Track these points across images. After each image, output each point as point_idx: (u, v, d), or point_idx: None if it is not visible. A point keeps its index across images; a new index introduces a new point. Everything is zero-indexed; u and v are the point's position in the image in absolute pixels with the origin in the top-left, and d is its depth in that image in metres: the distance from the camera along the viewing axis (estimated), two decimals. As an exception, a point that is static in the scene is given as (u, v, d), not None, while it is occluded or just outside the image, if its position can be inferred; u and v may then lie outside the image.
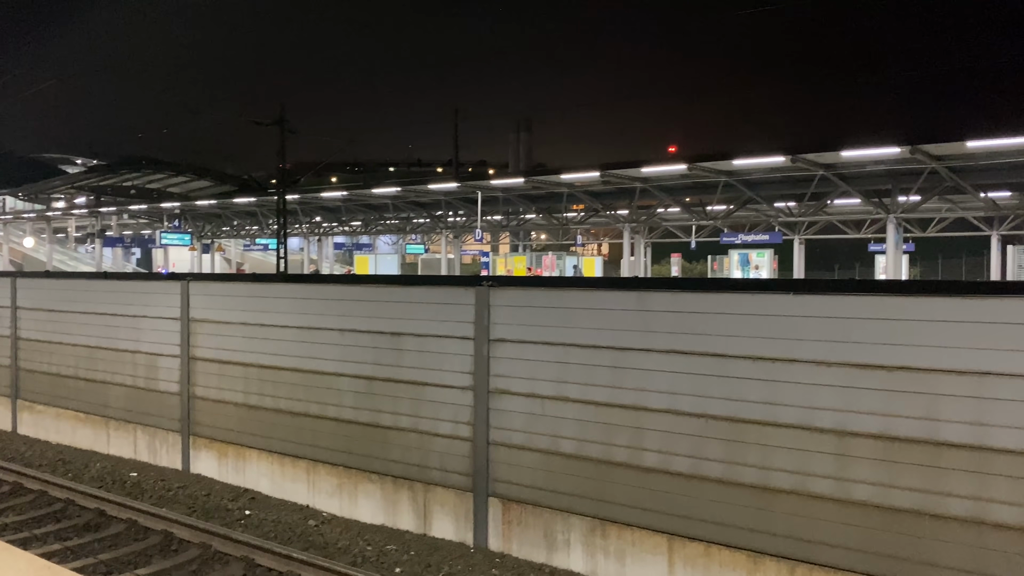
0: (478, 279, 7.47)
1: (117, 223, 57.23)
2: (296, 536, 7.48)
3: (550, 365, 6.83)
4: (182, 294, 9.86)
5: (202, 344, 9.69)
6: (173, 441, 9.96)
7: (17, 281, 12.46)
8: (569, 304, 6.78)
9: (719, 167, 26.82)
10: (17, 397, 12.23)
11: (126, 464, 10.12)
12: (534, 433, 6.93)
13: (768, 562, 5.76)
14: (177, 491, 8.91)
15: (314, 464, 8.49)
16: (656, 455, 6.28)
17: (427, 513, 7.61)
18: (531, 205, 37.30)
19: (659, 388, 6.25)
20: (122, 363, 10.63)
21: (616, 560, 6.48)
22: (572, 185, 32.80)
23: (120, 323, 10.69)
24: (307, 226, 49.74)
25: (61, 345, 11.52)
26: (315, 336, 8.55)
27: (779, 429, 5.72)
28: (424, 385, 7.64)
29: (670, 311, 6.23)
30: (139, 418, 10.41)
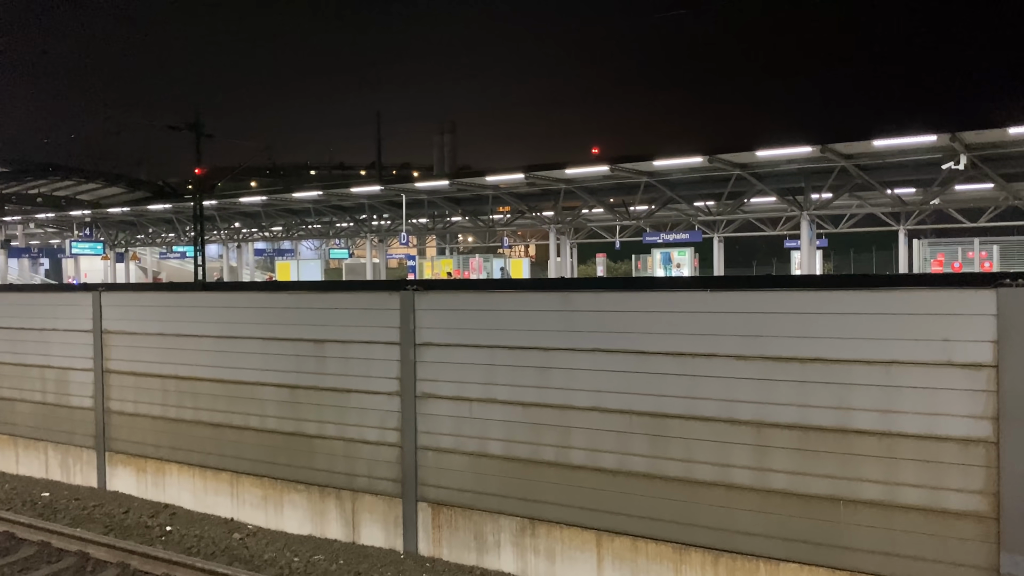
0: (403, 283, 7.42)
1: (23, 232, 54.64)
2: (220, 550, 7.29)
3: (477, 368, 6.84)
4: (94, 304, 9.49)
5: (116, 356, 9.35)
6: (88, 458, 9.58)
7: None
8: (495, 306, 6.80)
9: (640, 168, 27.37)
10: (-85, 418, 11.55)
11: (37, 484, 9.68)
12: (462, 436, 6.92)
13: (693, 553, 5.90)
14: (93, 509, 8.57)
15: (237, 476, 8.28)
16: (583, 453, 6.35)
17: (356, 521, 7.52)
18: (457, 208, 37.29)
19: (584, 387, 6.32)
20: (30, 379, 10.17)
21: (546, 558, 6.53)
22: (497, 187, 32.95)
23: (27, 337, 10.22)
24: (226, 232, 48.51)
25: (-38, 362, 10.93)
26: (235, 345, 8.35)
27: (701, 423, 5.86)
28: (349, 392, 7.54)
29: (593, 310, 6.31)
30: (50, 435, 9.97)
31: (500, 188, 33.13)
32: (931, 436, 5.11)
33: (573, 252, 42.52)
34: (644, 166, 26.94)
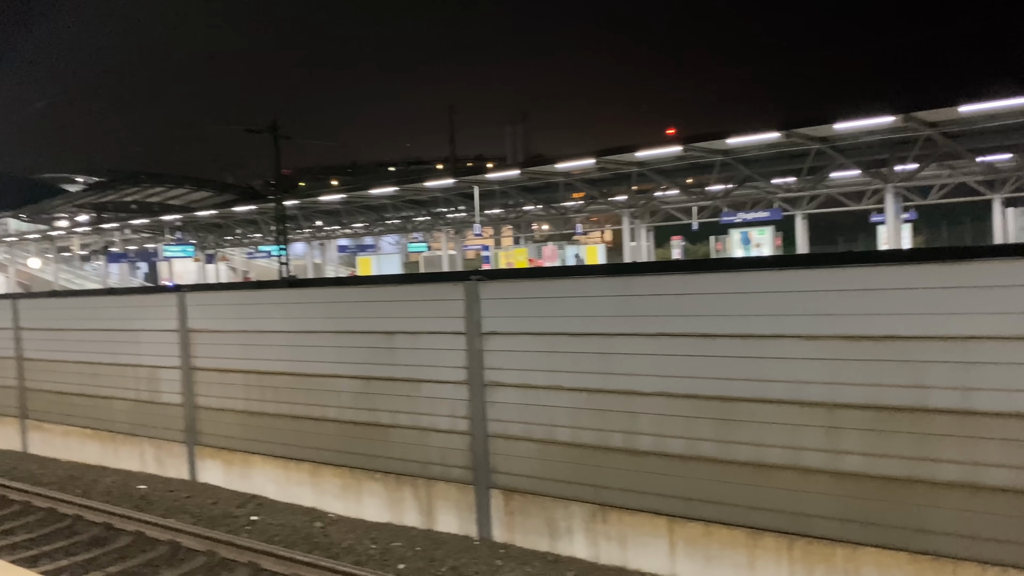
0: (467, 274, 7.49)
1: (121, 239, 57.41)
2: (302, 539, 7.54)
3: (541, 355, 6.86)
4: (179, 305, 9.91)
5: (201, 354, 9.75)
6: (179, 452, 10.04)
7: (18, 303, 12.55)
8: (556, 293, 6.80)
9: (715, 147, 26.79)
10: (25, 417, 12.34)
11: (135, 477, 10.20)
12: (530, 423, 6.96)
13: (767, 538, 5.78)
14: (184, 501, 8.99)
15: (318, 466, 8.54)
16: (650, 438, 6.30)
17: (431, 508, 7.66)
18: (530, 196, 37.32)
19: (649, 372, 6.26)
20: (125, 377, 10.71)
21: (618, 544, 6.52)
22: (568, 174, 32.80)
23: (121, 338, 10.75)
24: (309, 230, 49.86)
25: (65, 363, 11.60)
26: (311, 339, 8.60)
27: (769, 405, 5.73)
28: (420, 382, 7.68)
29: (655, 294, 6.25)
30: (145, 431, 10.49)
31: (572, 175, 32.97)
32: (1014, 414, 4.87)
33: (649, 236, 41.97)
34: (718, 144, 26.36)
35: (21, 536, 7.94)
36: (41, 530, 8.10)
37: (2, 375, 12.65)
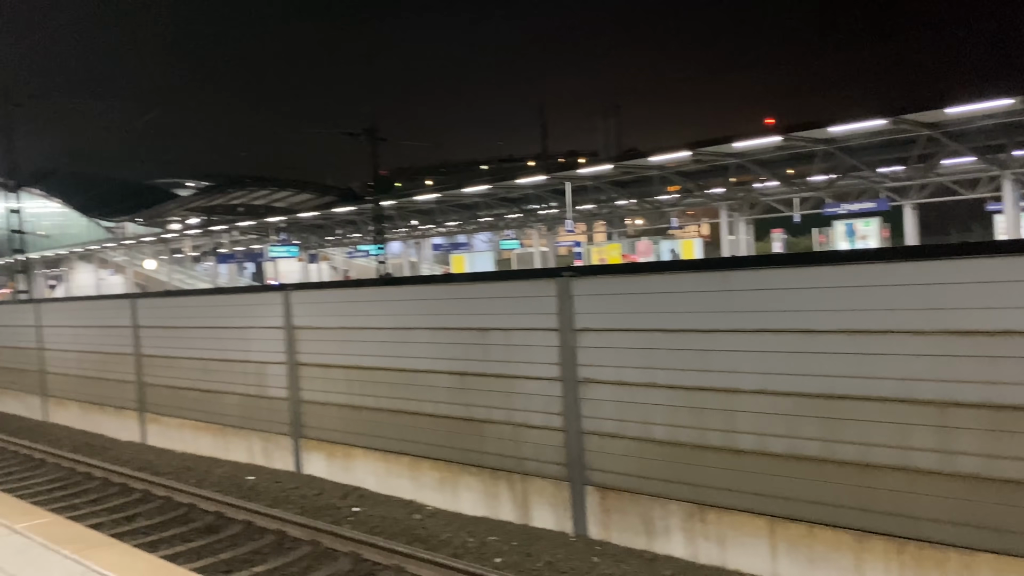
0: (559, 270, 7.49)
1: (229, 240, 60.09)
2: (401, 530, 7.72)
3: (636, 352, 6.79)
4: (284, 303, 10.30)
5: (305, 350, 10.10)
6: (285, 444, 10.43)
7: (136, 302, 13.31)
8: (651, 289, 6.72)
9: (816, 135, 25.88)
10: (144, 410, 13.07)
11: (244, 468, 10.66)
12: (625, 420, 6.90)
13: (875, 541, 5.56)
14: (290, 492, 9.33)
15: (416, 460, 8.72)
16: (751, 437, 6.15)
17: (526, 503, 7.70)
18: (623, 191, 36.98)
19: (749, 369, 6.11)
20: (234, 373, 11.20)
21: (717, 544, 6.39)
22: (663, 167, 32.33)
23: (230, 335, 11.25)
24: (405, 229, 50.92)
25: (180, 359, 12.23)
26: (407, 336, 8.78)
27: (877, 403, 5.50)
28: (513, 378, 7.72)
29: (755, 289, 6.08)
30: (253, 424, 10.94)
31: (666, 168, 32.48)
32: None
33: (748, 229, 40.90)
34: (820, 133, 25.44)
35: (142, 523, 8.43)
36: (159, 517, 8.58)
37: (123, 370, 13.44)
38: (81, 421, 14.70)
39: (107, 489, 9.95)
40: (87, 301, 16.91)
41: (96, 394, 14.21)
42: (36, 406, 16.11)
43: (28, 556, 4.77)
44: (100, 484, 10.19)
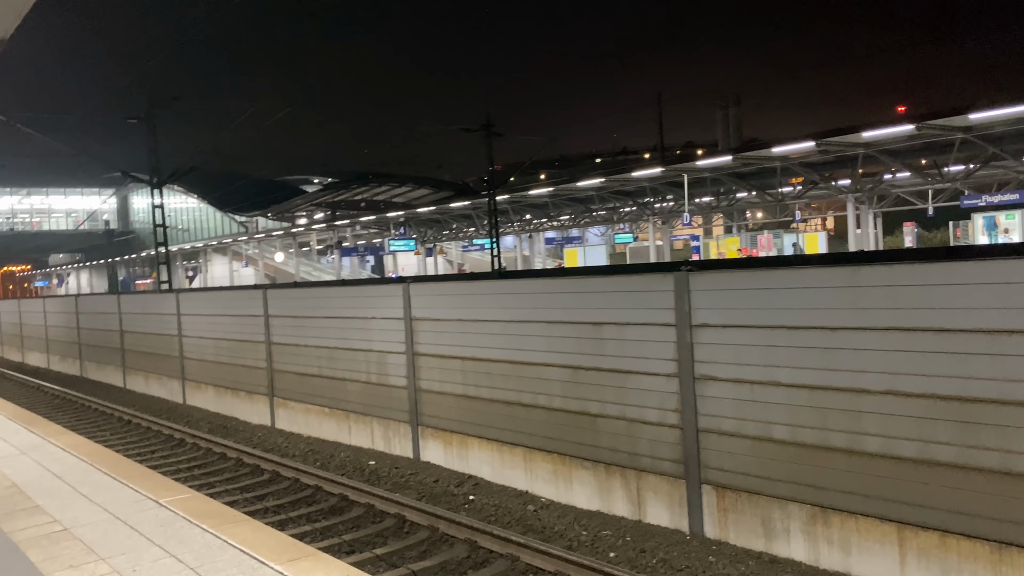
0: (676, 264, 7.38)
1: (352, 234, 62.33)
2: (515, 520, 7.83)
3: (757, 349, 6.61)
4: (404, 295, 10.61)
5: (423, 340, 10.37)
6: (404, 431, 10.76)
7: (268, 292, 14.02)
8: (773, 284, 6.52)
9: (954, 123, 24.32)
10: (273, 395, 13.78)
11: (365, 453, 11.07)
12: (744, 419, 6.74)
13: (1015, 555, 5.21)
14: (409, 477, 9.62)
15: (530, 451, 8.81)
16: (878, 439, 5.88)
17: (640, 500, 7.65)
18: (743, 183, 35.94)
19: (877, 368, 5.85)
20: (356, 361, 11.64)
21: (840, 549, 6.16)
22: (786, 158, 31.20)
23: (353, 325, 11.70)
24: (518, 224, 51.30)
25: (306, 347, 12.81)
26: (522, 329, 8.87)
27: (1019, 408, 5.14)
28: (628, 373, 7.68)
29: (885, 285, 5.80)
30: (374, 411, 11.34)
31: (789, 159, 31.32)
32: None
33: (876, 222, 38.91)
34: (958, 121, 23.89)
35: (271, 502, 8.90)
36: (287, 497, 9.03)
37: (255, 357, 14.21)
38: (216, 404, 15.65)
39: (239, 469, 10.56)
40: (223, 292, 17.96)
41: (230, 379, 15.08)
42: (176, 389, 17.26)
43: (172, 529, 5.13)
44: (233, 464, 10.82)
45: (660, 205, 41.79)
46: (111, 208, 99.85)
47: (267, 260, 66.53)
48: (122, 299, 20.48)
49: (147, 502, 5.77)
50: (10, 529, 5.33)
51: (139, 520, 5.32)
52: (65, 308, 24.70)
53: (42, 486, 6.43)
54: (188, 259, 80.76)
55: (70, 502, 5.90)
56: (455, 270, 65.49)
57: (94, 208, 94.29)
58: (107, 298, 21.89)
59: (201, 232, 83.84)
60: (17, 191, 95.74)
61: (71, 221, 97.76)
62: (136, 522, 5.28)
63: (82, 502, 5.88)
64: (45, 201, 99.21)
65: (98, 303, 22.21)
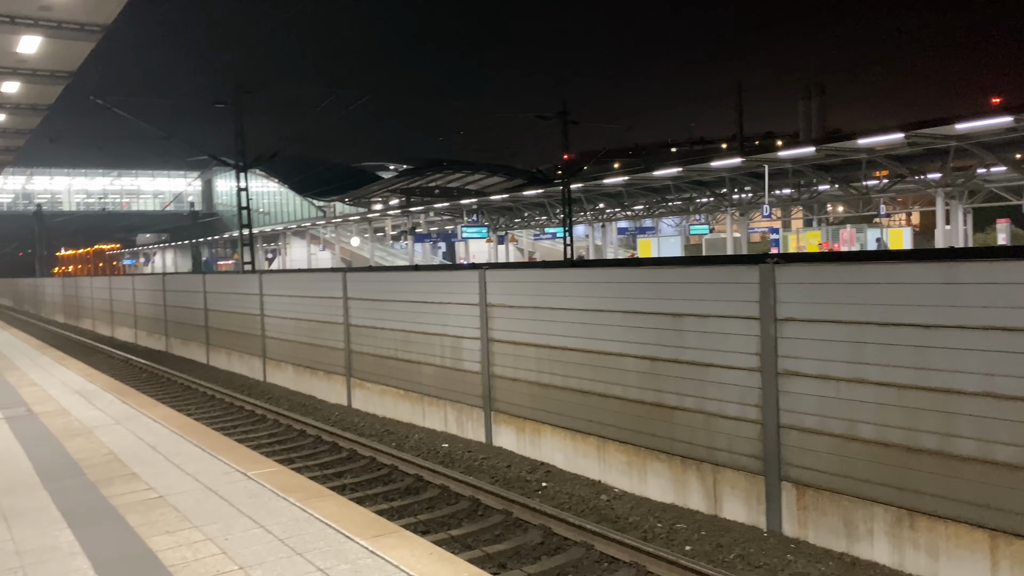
0: (762, 257, 7.23)
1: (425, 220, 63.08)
2: (589, 509, 7.82)
3: (844, 345, 6.43)
4: (479, 281, 10.69)
5: (498, 327, 10.44)
6: (477, 416, 10.87)
7: (347, 275, 14.32)
8: (864, 279, 6.32)
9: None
10: (350, 375, 14.08)
11: (438, 436, 11.22)
12: (828, 416, 6.58)
13: (1122, 571, 4.95)
14: (481, 462, 9.72)
15: (604, 441, 8.78)
16: (972, 443, 5.66)
17: (716, 494, 7.55)
18: (825, 175, 34.92)
19: (973, 369, 5.62)
20: (431, 345, 11.79)
21: (927, 554, 5.96)
22: (872, 150, 30.18)
23: (428, 309, 11.85)
24: (591, 213, 51.03)
25: (383, 330, 13.05)
26: (598, 318, 8.83)
27: None
28: (707, 366, 7.57)
29: (985, 283, 5.57)
30: (448, 394, 11.48)
31: (875, 151, 30.28)
32: None
33: (966, 218, 37.32)
34: (1061, 112, 22.68)
35: (349, 479, 9.12)
36: (365, 476, 9.24)
37: (333, 338, 14.54)
38: (295, 383, 16.09)
39: (318, 446, 10.84)
40: (304, 273, 18.43)
41: (309, 358, 15.48)
42: (258, 367, 17.81)
43: (260, 501, 5.31)
44: (312, 441, 11.12)
45: (738, 196, 40.96)
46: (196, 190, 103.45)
47: (343, 244, 67.93)
48: (207, 278, 21.21)
49: (235, 474, 5.98)
50: (109, 494, 5.60)
51: (229, 491, 5.53)
52: (153, 286, 25.73)
53: (137, 455, 6.74)
54: (268, 241, 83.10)
55: (164, 471, 6.16)
56: (525, 258, 65.64)
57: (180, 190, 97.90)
58: (193, 277, 22.71)
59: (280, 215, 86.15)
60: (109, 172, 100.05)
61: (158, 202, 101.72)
62: (226, 493, 5.49)
63: (175, 472, 6.13)
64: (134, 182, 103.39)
65: (184, 282, 23.06)
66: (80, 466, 6.44)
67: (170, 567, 4.20)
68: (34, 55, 14.35)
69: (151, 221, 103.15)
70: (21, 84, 16.66)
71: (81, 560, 4.37)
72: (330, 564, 4.14)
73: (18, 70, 15.53)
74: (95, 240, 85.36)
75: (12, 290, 62.29)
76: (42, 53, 14.26)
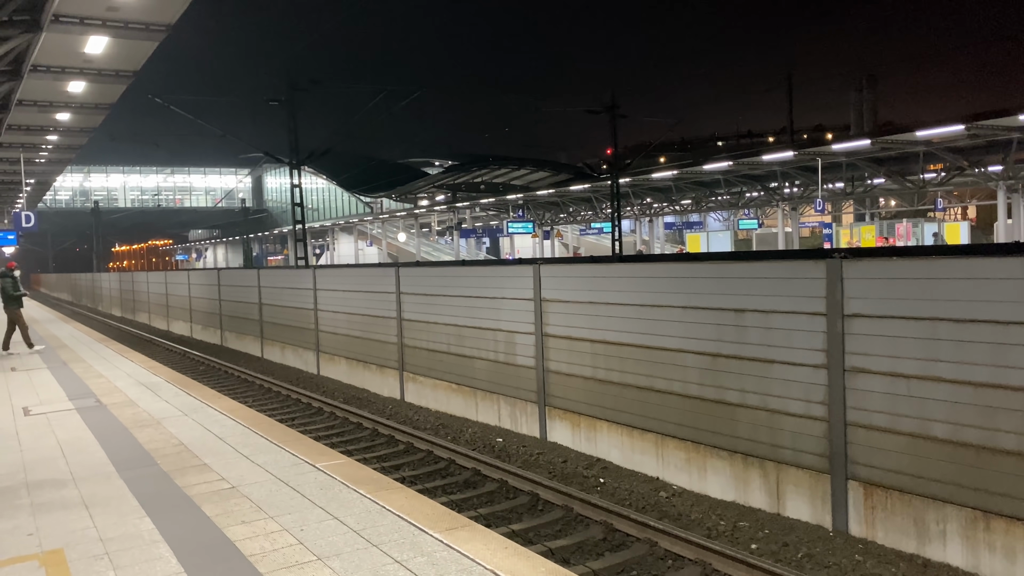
0: (828, 252, 7.10)
1: (470, 216, 63.30)
2: (649, 505, 7.78)
3: (915, 341, 6.28)
4: (534, 277, 10.68)
5: (552, 322, 10.42)
6: (531, 411, 10.87)
7: (399, 271, 14.44)
8: (936, 275, 6.17)
9: None
10: (403, 369, 14.21)
11: (492, 430, 11.26)
12: (898, 415, 6.44)
13: None
14: (537, 457, 9.73)
15: (662, 438, 8.72)
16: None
17: (779, 492, 7.45)
18: (879, 168, 34.14)
19: (1056, 367, 5.44)
20: (484, 340, 11.83)
21: (1004, 557, 5.80)
22: (929, 142, 29.42)
23: (481, 304, 11.89)
24: (638, 208, 50.67)
25: (435, 324, 13.13)
26: (656, 313, 8.77)
27: None
28: (771, 363, 7.46)
29: (1069, 278, 5.39)
30: (501, 389, 11.51)
31: (932, 143, 29.52)
32: None
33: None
34: None
35: (407, 472, 9.20)
36: (423, 468, 9.32)
37: (386, 332, 14.68)
38: (348, 376, 16.29)
39: (375, 439, 10.97)
40: (356, 268, 18.65)
41: (362, 352, 15.66)
42: (311, 361, 18.07)
43: (331, 492, 5.39)
44: (369, 434, 11.25)
45: (788, 190, 40.29)
46: (246, 187, 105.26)
47: (390, 240, 68.53)
48: (261, 273, 21.58)
49: (304, 466, 6.08)
50: (183, 484, 5.74)
51: (300, 482, 5.62)
52: (208, 281, 26.26)
53: (207, 446, 6.89)
54: (315, 237, 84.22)
55: (234, 462, 6.29)
56: (570, 253, 65.44)
57: (231, 187, 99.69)
58: (247, 272, 23.12)
59: (328, 211, 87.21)
60: (163, 170, 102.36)
61: (210, 199, 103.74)
62: (297, 484, 5.58)
63: (244, 463, 6.26)
64: (187, 180, 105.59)
65: (239, 277, 23.49)
66: (152, 456, 6.61)
67: (249, 556, 4.28)
68: (100, 55, 14.74)
69: (203, 217, 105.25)
70: (87, 84, 17.13)
71: (163, 548, 4.48)
72: (407, 556, 4.19)
73: (84, 70, 15.97)
74: (149, 236, 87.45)
75: (71, 285, 64.21)
76: (108, 53, 14.64)
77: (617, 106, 30.27)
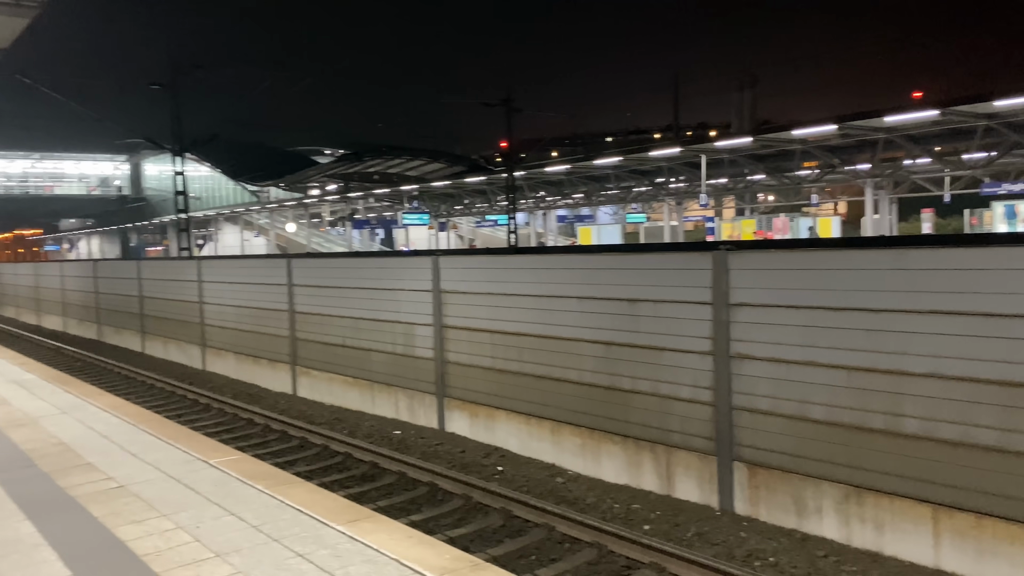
0: (715, 244, 7.42)
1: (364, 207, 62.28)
2: (546, 492, 7.94)
3: (796, 329, 6.67)
4: (433, 268, 10.67)
5: (451, 313, 10.45)
6: (429, 402, 10.87)
7: (292, 261, 14.10)
8: (815, 265, 6.57)
9: (977, 110, 24.15)
10: (296, 363, 13.90)
11: (390, 423, 11.19)
12: (780, 398, 6.82)
13: (1054, 538, 5.29)
14: (436, 447, 9.74)
15: (558, 425, 8.90)
16: (918, 422, 5.95)
17: (670, 475, 7.75)
18: (758, 165, 35.76)
19: (921, 351, 5.90)
20: (382, 332, 11.73)
21: (874, 528, 6.25)
22: (805, 141, 31.04)
23: (379, 296, 11.78)
24: (532, 201, 51.19)
25: (330, 317, 12.91)
26: (554, 304, 8.93)
27: None
28: (661, 350, 7.75)
29: (933, 269, 5.85)
30: (399, 382, 11.45)
31: (807, 142, 31.16)
32: None
33: (892, 208, 38.72)
34: (982, 108, 23.73)
35: (302, 467, 9.04)
36: (319, 463, 9.17)
37: (277, 326, 14.32)
38: (236, 371, 15.79)
39: (268, 434, 10.70)
40: (246, 259, 18.05)
41: (251, 347, 15.21)
42: (196, 356, 17.41)
43: (227, 488, 5.25)
44: (261, 429, 10.96)
45: (675, 186, 41.64)
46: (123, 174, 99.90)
47: (278, 230, 66.60)
48: (142, 265, 20.60)
49: (197, 462, 5.89)
50: (66, 485, 5.46)
51: (193, 479, 5.44)
52: (83, 272, 24.85)
53: (90, 445, 6.56)
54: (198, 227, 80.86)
55: (121, 460, 6.02)
56: (466, 245, 65.48)
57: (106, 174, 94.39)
58: (126, 263, 22.02)
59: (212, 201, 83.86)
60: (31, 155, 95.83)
61: (83, 186, 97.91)
62: (191, 481, 5.40)
63: (133, 461, 6.00)
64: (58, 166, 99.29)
65: (117, 268, 22.34)
66: (30, 457, 6.24)
67: (143, 556, 4.13)
68: (-40, 30, 13.67)
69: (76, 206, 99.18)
70: (-57, 60, 15.85)
71: (47, 551, 4.26)
72: (309, 549, 4.14)
73: (-57, 45, 14.77)
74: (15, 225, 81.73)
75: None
76: (-31, 28, 13.60)
77: (511, 100, 30.50)
